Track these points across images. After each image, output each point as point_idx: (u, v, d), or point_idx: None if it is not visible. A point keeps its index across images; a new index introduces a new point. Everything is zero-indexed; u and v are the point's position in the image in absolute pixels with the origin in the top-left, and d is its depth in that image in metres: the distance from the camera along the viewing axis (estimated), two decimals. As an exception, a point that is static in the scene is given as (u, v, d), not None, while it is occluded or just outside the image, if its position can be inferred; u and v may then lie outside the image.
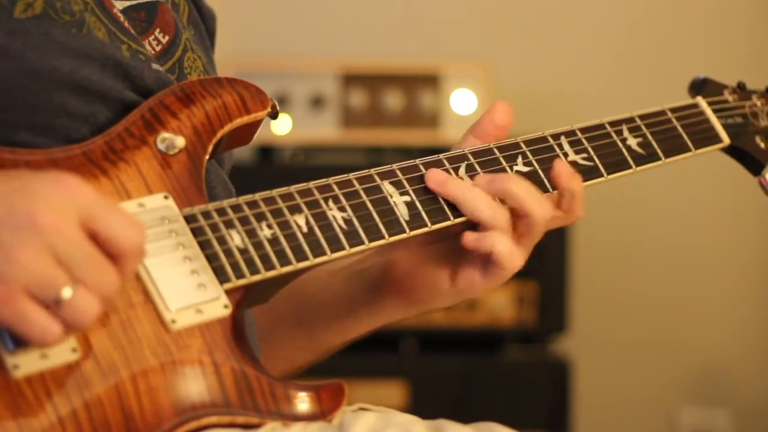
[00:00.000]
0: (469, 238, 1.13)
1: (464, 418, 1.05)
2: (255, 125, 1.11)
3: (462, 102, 2.81)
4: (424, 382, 2.72)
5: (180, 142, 1.05)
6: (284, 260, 1.04)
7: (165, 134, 1.06)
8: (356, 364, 2.65)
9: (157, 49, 1.15)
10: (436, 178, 1.13)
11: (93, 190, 0.90)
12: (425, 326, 2.73)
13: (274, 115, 1.11)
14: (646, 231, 3.14)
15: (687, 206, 3.15)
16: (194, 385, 0.98)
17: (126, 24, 1.12)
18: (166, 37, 1.17)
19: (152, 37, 1.15)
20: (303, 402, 1.01)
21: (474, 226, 1.14)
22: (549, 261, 2.74)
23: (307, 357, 1.30)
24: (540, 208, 1.13)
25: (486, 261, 1.14)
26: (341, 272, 1.25)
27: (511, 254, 1.13)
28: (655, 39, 3.10)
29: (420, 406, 2.67)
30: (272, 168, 2.82)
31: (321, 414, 1.01)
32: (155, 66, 1.11)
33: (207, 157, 1.07)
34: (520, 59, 3.09)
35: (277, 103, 1.11)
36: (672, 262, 3.16)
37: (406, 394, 2.70)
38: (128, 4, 1.14)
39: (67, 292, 0.88)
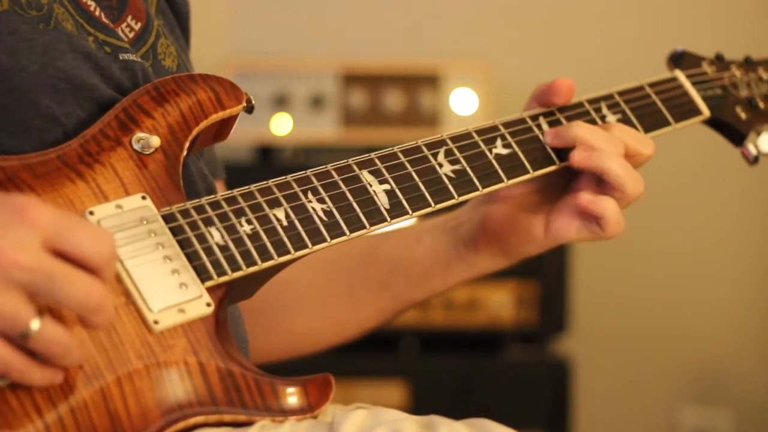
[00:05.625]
0: (586, 199, 1.19)
1: (464, 418, 1.05)
2: (231, 120, 1.11)
3: (462, 102, 2.81)
4: (424, 382, 2.72)
5: (155, 141, 1.05)
6: (265, 255, 1.04)
7: (140, 134, 1.05)
8: (356, 364, 2.65)
9: (130, 36, 1.15)
10: (581, 156, 1.18)
11: (53, 211, 0.89)
12: (425, 326, 2.72)
13: (249, 110, 1.11)
14: (647, 231, 3.14)
15: (687, 206, 3.15)
16: (180, 385, 0.98)
17: (97, 13, 1.11)
18: (139, 24, 1.16)
19: (125, 24, 1.15)
20: (290, 397, 1.01)
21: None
22: (549, 261, 2.73)
23: (387, 316, 1.34)
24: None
25: (586, 217, 1.21)
26: (430, 230, 1.31)
27: (618, 221, 1.20)
28: (656, 40, 3.09)
29: (420, 406, 2.66)
30: (272, 168, 2.81)
31: (309, 408, 1.02)
32: (123, 56, 1.11)
33: (184, 154, 1.07)
34: (520, 59, 3.08)
35: (252, 98, 1.11)
36: (672, 262, 3.16)
37: (406, 394, 2.70)
38: None
39: (33, 326, 0.87)
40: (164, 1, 1.24)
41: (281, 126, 2.79)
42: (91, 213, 1.00)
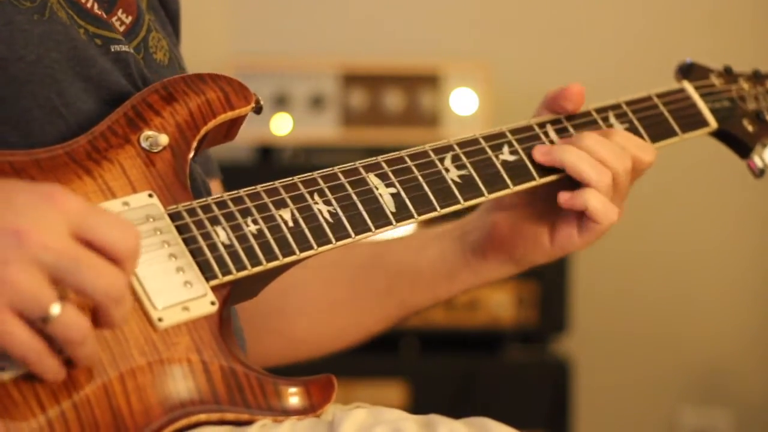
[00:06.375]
0: (564, 197, 1.20)
1: (464, 418, 1.05)
2: (239, 121, 1.11)
3: (462, 102, 2.81)
4: (424, 382, 2.72)
5: (163, 139, 1.05)
6: (270, 255, 1.04)
7: (148, 132, 1.05)
8: (356, 364, 2.65)
9: (121, 29, 1.15)
10: (540, 150, 1.20)
11: (81, 200, 0.90)
12: (425, 326, 2.72)
13: (258, 110, 1.11)
14: (647, 231, 3.14)
15: (688, 206, 3.15)
16: (183, 383, 0.98)
17: (89, 5, 1.11)
18: (130, 18, 1.17)
19: (115, 17, 1.15)
20: (292, 397, 1.01)
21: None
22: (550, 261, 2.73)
23: (391, 322, 1.35)
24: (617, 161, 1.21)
25: (581, 217, 1.21)
26: (436, 238, 1.31)
27: (605, 209, 1.19)
28: (656, 39, 3.09)
29: (420, 407, 2.66)
30: (272, 168, 2.82)
31: (311, 408, 1.02)
32: (115, 48, 1.11)
33: (191, 154, 1.07)
34: (520, 59, 3.08)
35: (260, 98, 1.11)
36: (672, 262, 3.16)
37: (406, 394, 2.70)
38: None
39: (55, 309, 0.87)
40: None
41: (281, 126, 2.79)
42: None
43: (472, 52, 3.07)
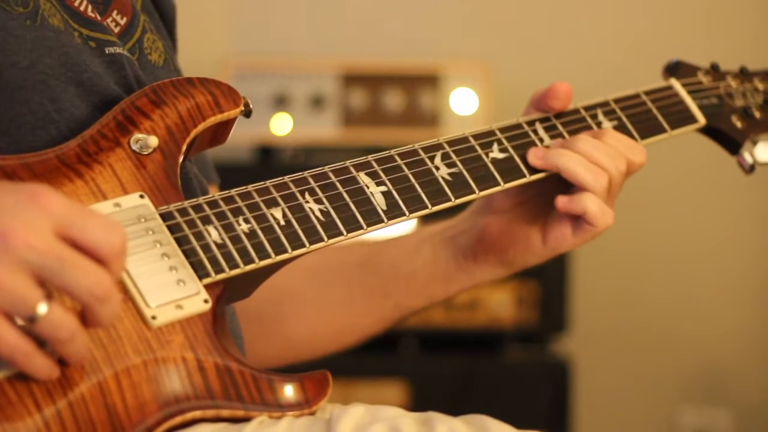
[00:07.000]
0: (562, 201, 1.20)
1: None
2: (229, 124, 1.12)
3: (462, 102, 2.81)
4: (424, 382, 2.72)
5: (153, 141, 1.06)
6: (263, 254, 1.04)
7: (138, 135, 1.06)
8: (356, 364, 2.65)
9: (116, 30, 1.15)
10: (536, 154, 1.20)
11: (66, 199, 0.90)
12: (425, 326, 2.73)
13: (247, 114, 1.11)
14: (647, 231, 3.14)
15: (688, 206, 3.15)
16: (177, 380, 0.98)
17: (82, 8, 1.12)
18: (124, 19, 1.17)
19: (110, 19, 1.16)
20: (287, 392, 1.02)
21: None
22: (549, 261, 2.73)
23: (387, 324, 1.35)
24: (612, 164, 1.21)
25: (576, 219, 1.21)
26: (429, 240, 1.32)
27: (603, 213, 1.20)
28: (656, 39, 3.10)
29: (420, 407, 2.65)
30: (272, 168, 2.82)
31: (306, 403, 1.02)
32: (110, 50, 1.11)
33: (182, 156, 1.08)
34: (520, 59, 3.09)
35: (249, 102, 1.11)
36: (673, 262, 3.16)
37: (406, 394, 2.70)
38: None
39: (41, 309, 0.87)
40: (150, 1, 1.25)
41: (281, 126, 2.79)
42: None
43: (472, 52, 3.07)
